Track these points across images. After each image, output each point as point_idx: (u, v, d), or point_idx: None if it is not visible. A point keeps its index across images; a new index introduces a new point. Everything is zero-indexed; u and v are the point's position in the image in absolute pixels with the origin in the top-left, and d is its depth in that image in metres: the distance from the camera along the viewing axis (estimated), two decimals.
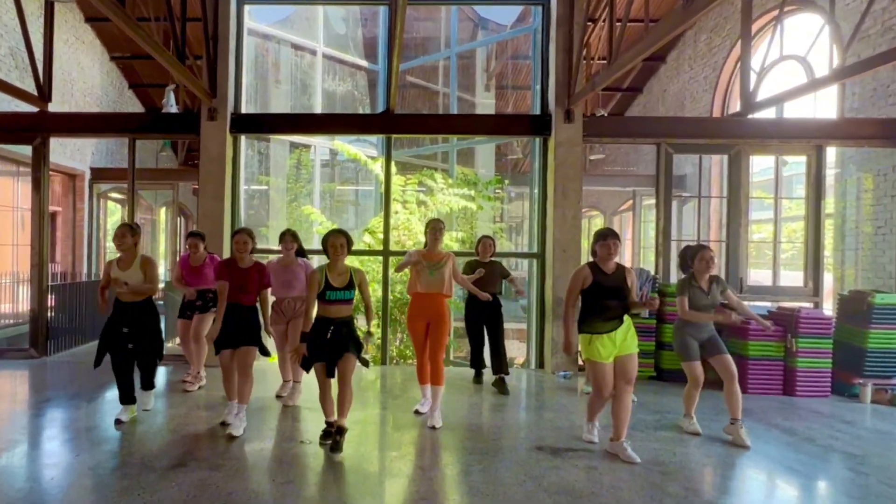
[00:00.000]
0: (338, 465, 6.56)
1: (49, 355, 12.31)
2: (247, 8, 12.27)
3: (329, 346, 6.92)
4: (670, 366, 10.72)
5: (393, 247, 12.12)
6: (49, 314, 12.48)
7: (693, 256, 7.83)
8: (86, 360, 12.32)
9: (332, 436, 6.92)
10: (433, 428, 7.98)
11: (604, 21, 14.49)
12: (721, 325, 8.29)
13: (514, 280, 10.54)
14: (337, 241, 6.95)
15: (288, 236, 9.20)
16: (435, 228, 8.49)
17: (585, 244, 10.52)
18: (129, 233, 7.72)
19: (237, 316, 7.73)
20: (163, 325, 8.30)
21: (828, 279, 11.97)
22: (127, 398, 7.93)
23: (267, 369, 9.69)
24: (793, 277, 9.10)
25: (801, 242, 12.09)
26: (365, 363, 7.23)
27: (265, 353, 8.20)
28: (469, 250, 13.73)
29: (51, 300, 12.68)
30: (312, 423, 7.95)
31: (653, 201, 12.43)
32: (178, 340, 10.72)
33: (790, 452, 7.19)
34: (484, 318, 10.25)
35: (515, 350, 17.42)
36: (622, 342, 7.08)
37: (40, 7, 13.39)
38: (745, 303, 8.38)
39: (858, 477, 6.45)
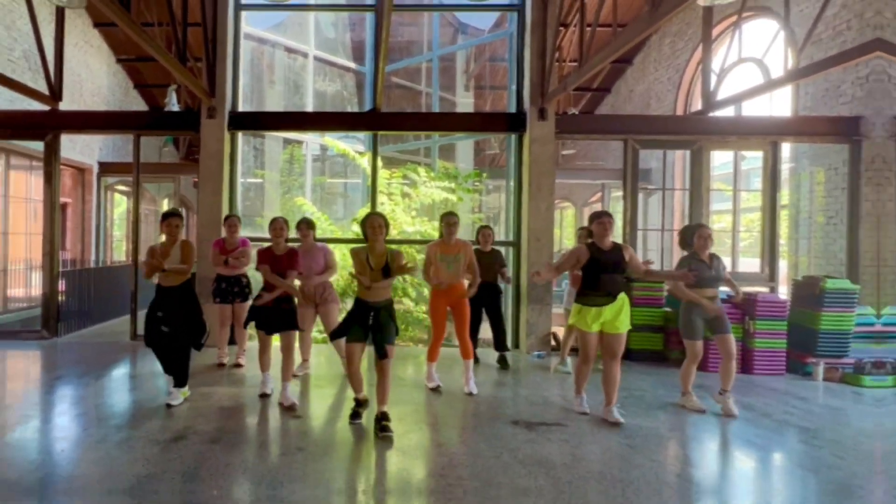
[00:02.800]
0: (326, 439, 6.56)
1: (59, 336, 12.28)
2: (243, 14, 12.23)
3: (368, 330, 6.82)
4: (637, 346, 10.74)
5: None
6: (59, 298, 12.44)
7: (693, 234, 7.85)
8: (94, 340, 12.35)
9: (378, 420, 6.75)
10: (470, 394, 8.29)
11: (575, 26, 14.51)
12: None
13: (504, 272, 10.55)
14: (375, 223, 6.80)
15: (303, 224, 9.12)
16: (450, 222, 8.43)
17: (558, 233, 10.54)
18: (181, 223, 7.72)
19: (277, 303, 7.74)
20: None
21: (783, 266, 11.99)
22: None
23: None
24: (750, 264, 9.15)
25: (758, 231, 12.11)
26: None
27: (302, 329, 8.34)
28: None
29: (61, 285, 12.64)
30: (315, 400, 7.98)
31: (620, 193, 12.43)
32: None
33: (748, 427, 7.21)
34: (484, 303, 10.19)
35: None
36: (612, 319, 7.19)
37: (52, 13, 13.30)
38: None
39: (811, 449, 6.46)
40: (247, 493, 5.10)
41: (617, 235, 8.62)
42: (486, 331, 10.78)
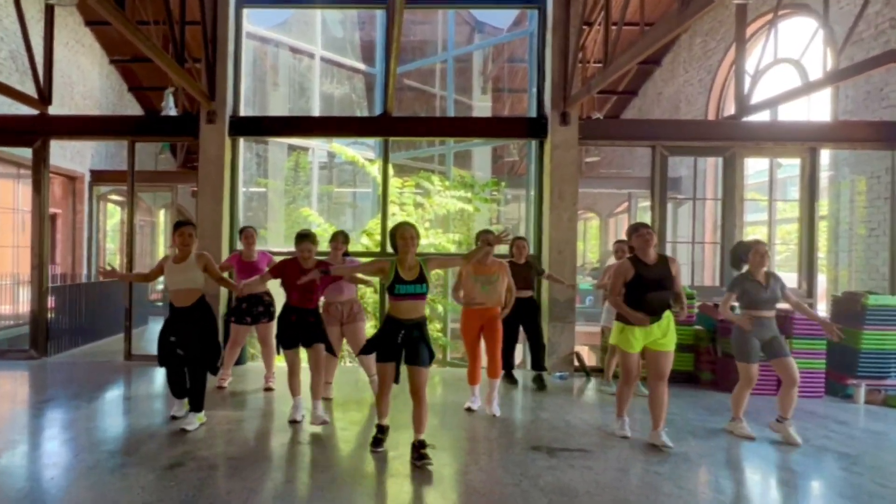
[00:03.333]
0: (333, 464, 6.56)
1: (49, 356, 12.30)
2: (245, 11, 12.27)
3: (400, 350, 6.75)
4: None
5: (390, 249, 12.13)
6: (49, 315, 12.46)
7: (747, 251, 7.75)
8: (86, 360, 12.39)
9: (416, 449, 6.69)
10: (494, 416, 8.28)
11: (599, 24, 14.51)
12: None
13: (552, 275, 10.57)
14: (407, 233, 6.74)
15: (340, 238, 9.16)
16: (486, 241, 7.92)
17: (581, 246, 10.55)
18: (194, 232, 7.70)
19: (302, 318, 7.76)
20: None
21: (822, 280, 11.99)
22: (179, 394, 7.96)
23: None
24: (787, 279, 9.16)
25: (795, 244, 12.11)
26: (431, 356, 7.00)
27: (331, 350, 8.27)
28: (466, 252, 13.82)
29: (51, 301, 12.66)
30: (328, 425, 7.98)
31: (648, 203, 12.45)
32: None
33: (784, 453, 7.19)
34: (521, 319, 10.13)
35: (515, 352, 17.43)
36: (658, 338, 7.19)
37: (41, 11, 13.41)
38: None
39: (851, 476, 6.45)
40: None
41: None
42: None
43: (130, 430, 7.65)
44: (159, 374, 10.28)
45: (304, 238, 7.89)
